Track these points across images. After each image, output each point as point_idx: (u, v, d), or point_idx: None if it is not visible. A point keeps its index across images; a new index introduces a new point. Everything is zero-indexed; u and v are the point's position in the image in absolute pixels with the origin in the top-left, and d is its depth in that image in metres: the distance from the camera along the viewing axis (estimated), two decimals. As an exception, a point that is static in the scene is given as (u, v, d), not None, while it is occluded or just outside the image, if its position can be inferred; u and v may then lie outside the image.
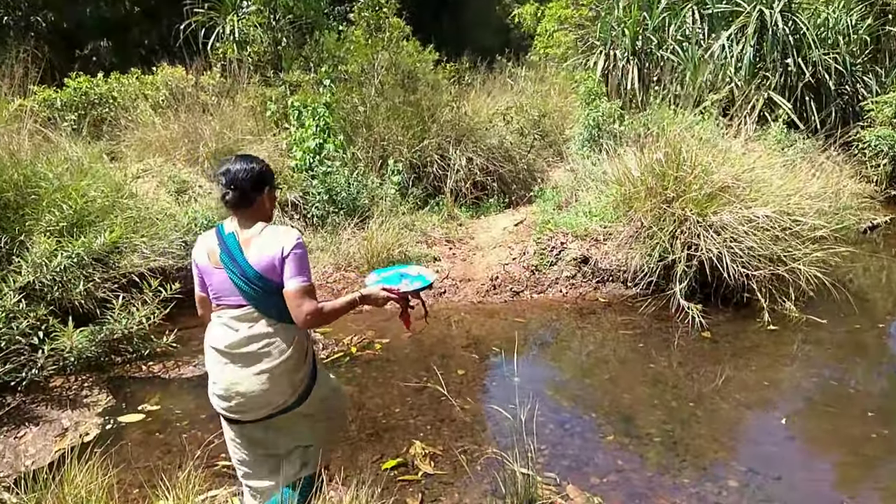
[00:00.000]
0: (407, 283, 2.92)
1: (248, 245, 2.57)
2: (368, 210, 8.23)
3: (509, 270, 7.24)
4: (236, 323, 2.61)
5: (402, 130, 9.08)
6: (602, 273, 7.08)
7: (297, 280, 2.52)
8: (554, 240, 7.37)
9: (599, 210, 7.44)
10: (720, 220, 6.22)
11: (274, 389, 2.62)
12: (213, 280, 2.64)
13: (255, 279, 2.53)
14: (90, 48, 15.96)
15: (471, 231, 8.49)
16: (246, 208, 2.63)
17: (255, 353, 2.59)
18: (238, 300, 2.59)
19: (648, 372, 5.37)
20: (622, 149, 7.96)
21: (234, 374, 2.61)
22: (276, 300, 2.55)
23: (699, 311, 6.08)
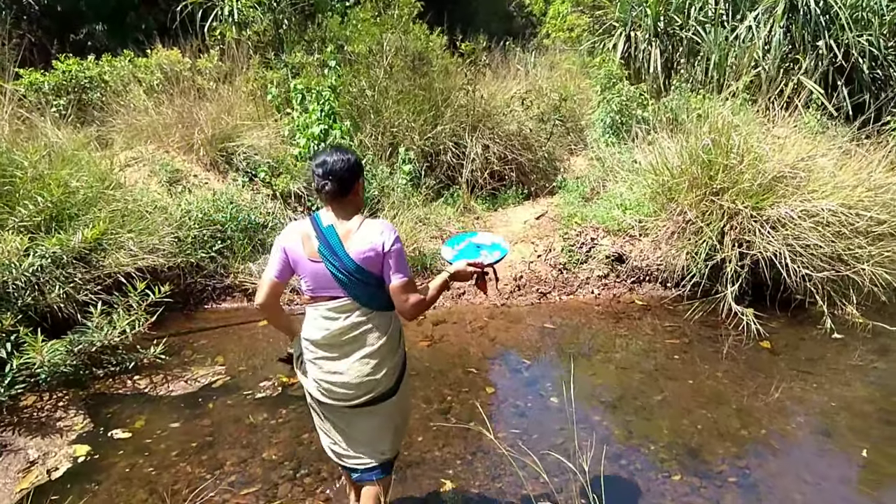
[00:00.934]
0: (486, 255, 2.91)
1: (348, 238, 2.57)
2: (378, 202, 7.44)
3: (535, 269, 6.46)
4: (333, 314, 2.61)
5: (414, 116, 8.27)
6: (638, 272, 6.30)
7: (400, 276, 2.57)
8: (583, 235, 6.58)
9: (633, 202, 6.65)
10: (778, 215, 5.42)
11: (373, 375, 2.66)
12: (308, 271, 2.61)
13: (355, 272, 2.54)
14: (85, 32, 15.11)
15: (488, 225, 7.71)
16: (343, 198, 2.62)
17: (353, 342, 2.63)
18: (335, 292, 2.60)
19: (705, 390, 4.60)
20: (654, 135, 7.14)
21: (334, 364, 2.65)
22: (373, 291, 2.60)
23: (753, 317, 5.30)
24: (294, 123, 8.10)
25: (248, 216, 6.75)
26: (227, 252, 6.56)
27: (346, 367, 2.64)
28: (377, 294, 2.61)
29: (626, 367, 4.94)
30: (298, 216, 7.51)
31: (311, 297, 2.68)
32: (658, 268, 6.19)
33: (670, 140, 6.65)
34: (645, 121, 9.05)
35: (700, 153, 5.87)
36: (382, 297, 2.63)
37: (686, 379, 4.76)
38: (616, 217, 6.59)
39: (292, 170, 7.62)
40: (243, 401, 4.61)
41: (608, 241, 6.50)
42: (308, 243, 2.60)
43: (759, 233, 5.46)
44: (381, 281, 2.59)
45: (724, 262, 5.58)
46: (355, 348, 2.63)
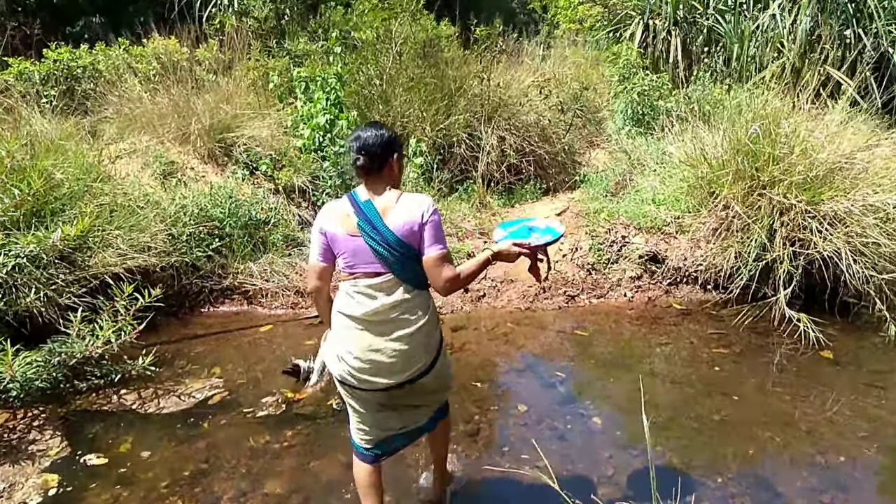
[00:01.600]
0: (537, 237, 2.76)
1: (387, 213, 2.51)
2: (389, 197, 6.84)
3: (561, 269, 5.85)
4: (374, 291, 2.53)
5: (425, 106, 7.67)
6: (675, 274, 5.71)
7: (436, 248, 2.50)
8: (613, 233, 5.98)
9: (668, 197, 6.05)
10: (837, 210, 4.83)
11: (411, 354, 2.58)
12: (348, 248, 2.55)
13: (396, 245, 2.48)
14: (81, 24, 14.51)
15: (501, 216, 7.11)
16: (377, 173, 2.56)
17: (394, 320, 2.54)
18: (375, 268, 2.53)
19: (767, 408, 4.01)
20: (688, 125, 6.54)
21: (372, 341, 2.55)
22: (414, 266, 2.52)
23: (810, 323, 4.71)
24: (298, 113, 7.51)
25: (249, 212, 6.14)
26: (226, 251, 5.96)
27: (384, 345, 2.54)
28: (417, 270, 2.54)
29: (673, 381, 4.34)
30: (303, 211, 6.92)
31: (349, 273, 2.58)
32: (698, 269, 5.59)
33: (707, 129, 6.05)
34: (668, 111, 8.48)
35: (746, 142, 5.27)
36: (422, 274, 2.55)
37: (743, 394, 4.16)
38: (649, 213, 5.99)
39: (296, 162, 7.03)
40: (243, 420, 4.01)
41: (640, 239, 5.90)
42: (346, 220, 2.54)
43: (815, 230, 4.85)
44: (420, 256, 2.50)
45: (775, 263, 4.99)
46: (396, 327, 2.54)
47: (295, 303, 5.67)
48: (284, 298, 5.68)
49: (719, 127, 5.85)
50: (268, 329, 5.28)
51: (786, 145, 5.18)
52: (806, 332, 4.70)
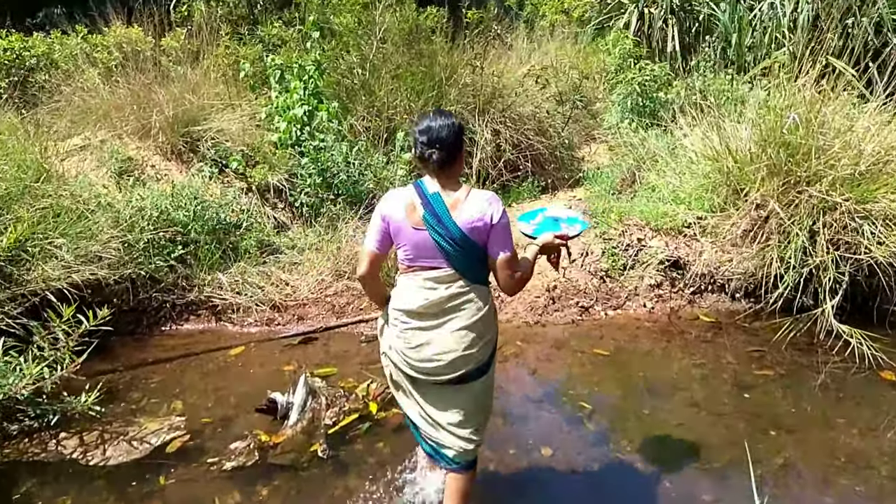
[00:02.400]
0: (566, 227, 2.71)
1: (456, 207, 2.40)
2: (374, 196, 6.09)
3: (571, 277, 5.15)
4: (434, 283, 2.45)
5: (413, 96, 6.92)
6: (699, 281, 5.03)
7: (506, 251, 2.42)
8: (628, 235, 5.29)
9: (688, 195, 5.37)
10: (889, 210, 4.18)
11: (470, 347, 2.47)
12: (411, 240, 2.44)
13: (462, 241, 2.39)
14: (42, 15, 13.49)
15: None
16: (450, 167, 2.42)
17: (452, 311, 2.46)
18: (437, 262, 2.44)
19: (836, 447, 3.35)
20: (698, 117, 5.88)
21: (431, 334, 2.47)
22: (475, 262, 2.46)
23: (864, 339, 4.06)
24: (272, 105, 6.71)
25: (217, 214, 5.34)
26: (191, 259, 5.15)
27: (441, 338, 2.47)
28: (478, 267, 2.49)
29: (719, 413, 3.65)
30: (279, 213, 6.13)
31: (408, 266, 2.51)
32: (726, 276, 4.92)
33: (729, 120, 5.38)
34: (669, 103, 7.84)
35: (783, 132, 4.60)
36: (482, 271, 2.51)
37: (803, 429, 3.49)
38: (666, 212, 5.31)
39: (271, 159, 6.22)
40: (207, 472, 3.24)
41: (659, 242, 5.22)
42: (413, 211, 2.43)
43: (867, 232, 4.20)
44: (484, 253, 2.46)
45: (817, 269, 4.33)
46: (453, 319, 2.47)
47: (271, 319, 4.90)
48: (259, 314, 4.90)
49: (741, 118, 5.18)
50: (239, 351, 4.51)
51: (826, 136, 4.53)
52: (859, 350, 4.05)
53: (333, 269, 5.28)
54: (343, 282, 5.22)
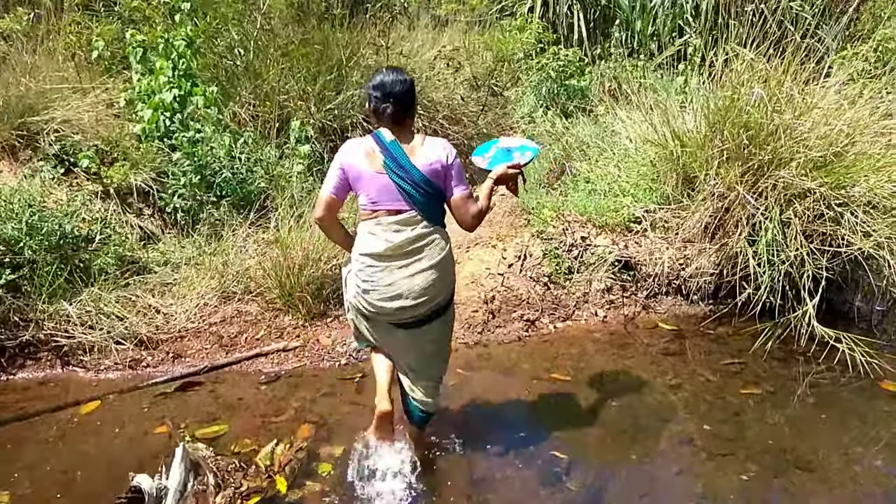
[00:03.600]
0: (519, 156, 2.81)
1: (413, 153, 2.54)
2: (268, 199, 5.02)
3: (510, 285, 4.34)
4: (398, 226, 2.53)
5: (308, 80, 5.88)
6: (653, 283, 4.36)
7: (462, 188, 2.58)
8: (570, 234, 4.55)
9: (633, 185, 4.70)
10: (878, 194, 3.67)
11: (436, 285, 2.58)
12: (372, 185, 2.54)
13: (423, 183, 2.51)
14: None
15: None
16: (403, 120, 2.56)
17: (418, 252, 2.55)
18: (399, 205, 2.53)
19: (865, 485, 2.70)
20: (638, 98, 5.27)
21: (398, 274, 2.54)
22: (436, 205, 2.59)
23: (858, 346, 3.51)
24: (134, 89, 5.44)
25: (61, 226, 4.07)
26: (26, 286, 3.89)
27: (408, 280, 2.53)
28: (438, 208, 2.60)
29: (721, 452, 2.93)
30: (145, 221, 4.91)
31: (371, 211, 2.56)
32: (682, 276, 4.28)
33: (671, 102, 4.78)
34: (584, 90, 7.28)
35: (745, 110, 4.00)
36: (441, 213, 2.63)
37: (823, 465, 2.84)
38: (610, 207, 4.61)
39: (133, 154, 4.99)
40: None
41: (604, 240, 4.51)
42: (372, 158, 2.53)
43: (847, 221, 3.67)
44: (443, 195, 2.58)
45: (792, 265, 3.75)
46: (419, 260, 2.54)
47: (136, 360, 3.73)
48: (120, 354, 3.73)
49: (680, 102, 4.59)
50: (93, 408, 3.34)
51: (788, 114, 3.97)
52: (849, 357, 3.49)
53: (219, 290, 4.18)
54: (233, 305, 4.13)
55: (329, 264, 4.21)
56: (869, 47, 5.79)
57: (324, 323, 4.05)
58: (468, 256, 4.73)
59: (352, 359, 3.79)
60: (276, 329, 3.98)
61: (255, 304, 4.13)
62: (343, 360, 3.77)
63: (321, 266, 4.15)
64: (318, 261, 4.15)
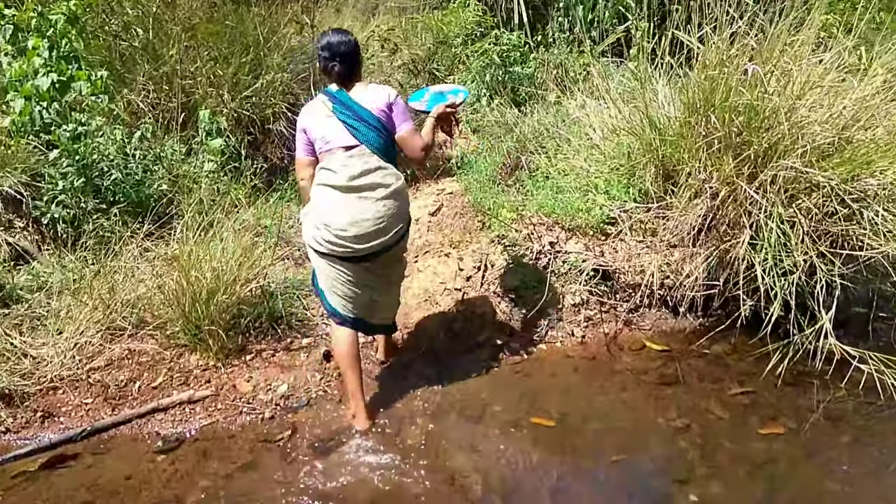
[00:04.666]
0: (452, 97, 2.99)
1: (358, 95, 2.73)
2: (171, 204, 4.09)
3: (472, 303, 3.57)
4: (351, 160, 2.67)
5: (220, 62, 4.93)
6: (632, 295, 3.69)
7: (408, 123, 2.76)
8: (536, 239, 3.83)
9: (604, 181, 4.01)
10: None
11: (394, 213, 2.71)
12: (325, 129, 2.71)
13: (369, 118, 2.68)
14: None
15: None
16: (350, 78, 2.75)
17: (374, 182, 2.67)
18: (350, 141, 2.68)
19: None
20: (606, 83, 4.61)
21: (358, 205, 2.66)
22: (384, 143, 2.72)
23: (884, 365, 2.93)
24: (3, 74, 4.37)
25: None
26: None
27: (370, 206, 2.65)
28: (387, 146, 2.73)
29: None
30: (16, 235, 3.88)
31: (327, 151, 2.71)
32: (666, 285, 3.63)
33: (643, 88, 4.12)
34: (529, 78, 6.61)
35: (738, 91, 3.37)
36: (391, 151, 2.76)
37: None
38: (580, 206, 3.92)
39: (1, 153, 3.95)
40: None
41: (576, 245, 3.81)
42: (323, 107, 2.73)
43: (868, 220, 3.09)
44: (389, 133, 2.73)
45: (803, 272, 3.15)
46: (376, 189, 2.66)
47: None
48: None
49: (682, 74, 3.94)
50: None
51: (787, 94, 3.37)
52: (880, 381, 2.91)
53: (106, 323, 3.23)
54: (123, 343, 3.19)
55: (248, 286, 3.34)
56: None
57: (242, 362, 3.17)
58: (418, 268, 3.94)
59: (278, 409, 2.94)
60: (179, 373, 3.08)
61: (153, 340, 3.21)
62: (268, 413, 2.91)
63: (237, 289, 3.27)
64: (233, 283, 3.26)
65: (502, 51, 6.55)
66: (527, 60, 6.92)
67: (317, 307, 3.59)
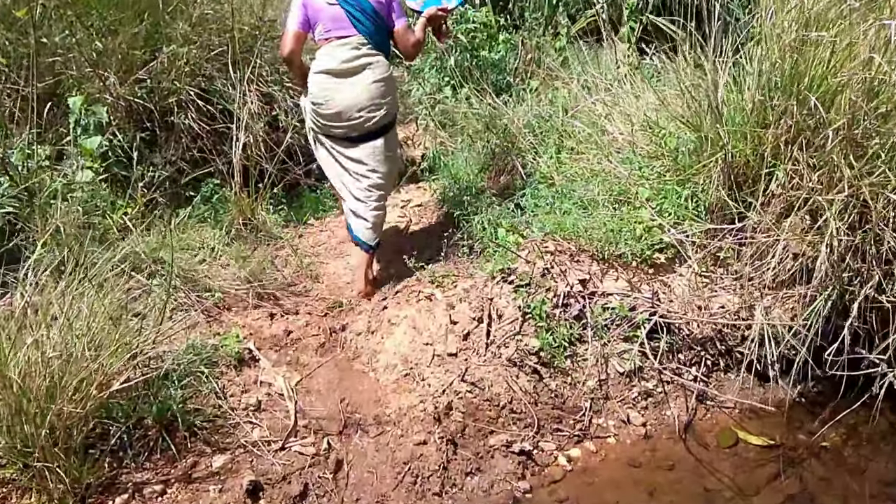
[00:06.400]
0: (445, 2, 3.07)
1: None
2: (27, 226, 2.68)
3: (475, 377, 2.32)
4: (347, 48, 2.81)
5: (102, 33, 3.52)
6: (699, 351, 2.52)
7: (403, 20, 2.91)
8: (559, 274, 2.60)
9: (650, 188, 2.81)
10: None
11: (384, 96, 2.87)
12: (326, 15, 2.81)
13: (370, 11, 2.80)
14: None
15: (308, 257, 3.35)
16: None
17: (366, 66, 2.83)
18: (348, 31, 2.80)
19: None
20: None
21: (352, 87, 2.82)
22: (379, 35, 2.86)
23: None
24: None
25: None
26: None
27: (360, 89, 2.81)
28: (382, 38, 2.88)
29: None
30: None
31: (325, 38, 2.83)
32: (748, 336, 2.47)
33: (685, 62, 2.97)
34: (498, 64, 5.45)
35: (881, 63, 2.23)
36: (385, 42, 2.92)
37: None
38: (617, 225, 2.72)
39: None
40: None
41: (616, 282, 2.61)
42: None
43: None
44: (386, 26, 2.87)
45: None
46: (366, 72, 2.82)
47: None
48: None
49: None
50: None
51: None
52: None
53: None
54: None
55: (121, 379, 1.98)
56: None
57: None
58: (389, 320, 2.67)
59: None
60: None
61: None
62: None
63: (99, 385, 1.92)
64: (92, 376, 1.91)
65: (467, 30, 5.34)
66: (492, 46, 5.71)
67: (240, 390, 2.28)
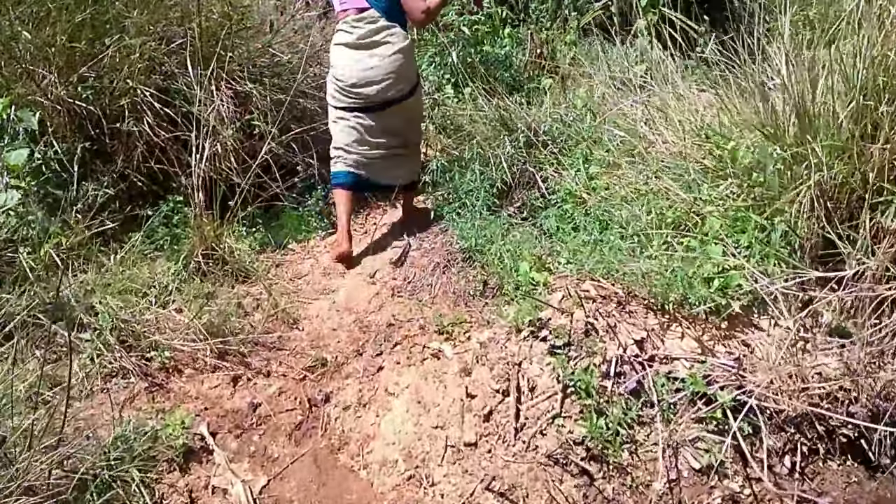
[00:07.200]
0: None
1: None
2: None
3: (504, 483, 1.70)
4: (362, 22, 2.86)
5: (38, 24, 2.87)
6: (794, 434, 1.91)
7: None
8: (609, 329, 1.98)
9: (719, 220, 2.19)
10: None
11: (403, 69, 2.92)
12: None
13: None
14: None
15: (286, 295, 2.73)
16: None
17: (383, 40, 2.88)
18: (363, 4, 2.85)
19: None
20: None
21: (370, 61, 2.87)
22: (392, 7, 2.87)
23: None
24: None
25: None
26: None
27: (379, 61, 2.86)
28: (396, 9, 2.88)
29: None
30: None
31: (343, 11, 2.90)
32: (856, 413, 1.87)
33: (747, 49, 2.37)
34: (504, 60, 4.85)
35: None
36: (399, 15, 2.91)
37: None
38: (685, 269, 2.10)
39: None
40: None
41: (681, 342, 2.00)
42: None
43: None
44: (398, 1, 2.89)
45: None
46: (384, 45, 2.86)
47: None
48: None
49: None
50: None
51: None
52: None
53: None
54: None
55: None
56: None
57: None
58: (385, 387, 2.05)
59: None
60: None
61: None
62: None
63: None
64: None
65: (468, 21, 4.75)
66: (495, 40, 5.10)
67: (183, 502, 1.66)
